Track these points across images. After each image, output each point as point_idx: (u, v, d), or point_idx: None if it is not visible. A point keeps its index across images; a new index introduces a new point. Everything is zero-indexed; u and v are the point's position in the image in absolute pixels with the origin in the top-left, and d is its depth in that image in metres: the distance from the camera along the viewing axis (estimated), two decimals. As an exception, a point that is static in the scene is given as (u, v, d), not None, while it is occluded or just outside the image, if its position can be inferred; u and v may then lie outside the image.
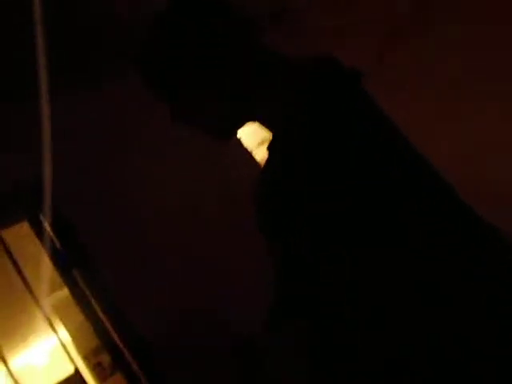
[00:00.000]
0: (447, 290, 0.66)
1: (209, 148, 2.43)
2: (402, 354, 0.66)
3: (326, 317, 0.72)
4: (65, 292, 2.28)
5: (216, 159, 2.38)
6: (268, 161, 0.84)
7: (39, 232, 2.08)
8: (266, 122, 0.89)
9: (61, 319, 4.21)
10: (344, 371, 0.70)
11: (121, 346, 1.97)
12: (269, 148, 0.85)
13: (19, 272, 2.09)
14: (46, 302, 4.05)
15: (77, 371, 2.23)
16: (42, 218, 2.03)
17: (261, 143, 2.83)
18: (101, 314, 2.01)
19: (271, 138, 0.85)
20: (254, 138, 2.82)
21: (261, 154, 2.54)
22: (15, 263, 2.07)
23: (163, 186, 2.31)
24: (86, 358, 4.50)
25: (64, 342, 4.18)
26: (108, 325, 1.98)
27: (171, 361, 2.02)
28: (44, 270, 3.63)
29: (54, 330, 2.08)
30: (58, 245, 2.04)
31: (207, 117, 0.89)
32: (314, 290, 0.74)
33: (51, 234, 2.03)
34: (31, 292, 2.10)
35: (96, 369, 4.49)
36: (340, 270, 0.70)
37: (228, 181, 2.31)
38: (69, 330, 4.27)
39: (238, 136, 2.66)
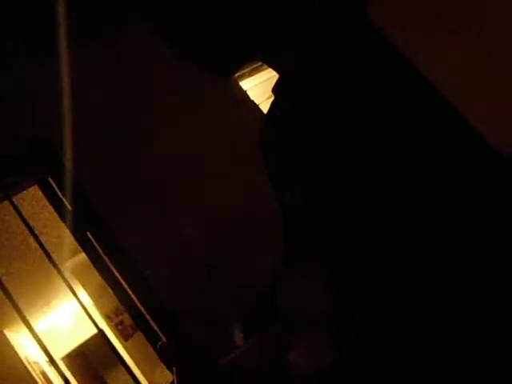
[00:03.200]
0: None
1: (218, 101, 2.38)
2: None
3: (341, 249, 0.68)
4: (83, 256, 2.29)
5: (225, 113, 2.32)
6: (273, 103, 0.80)
7: (51, 196, 2.07)
8: (272, 62, 0.84)
9: (81, 282, 4.30)
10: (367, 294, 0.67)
11: (139, 306, 1.99)
12: (274, 90, 0.80)
13: (36, 238, 2.10)
14: (66, 266, 4.13)
15: (100, 331, 2.27)
16: (51, 181, 2.02)
17: (269, 97, 2.76)
18: (118, 276, 2.02)
19: (277, 80, 0.80)
20: (262, 92, 2.74)
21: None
22: (31, 230, 2.07)
23: (172, 142, 2.27)
24: (107, 318, 4.63)
25: (85, 304, 4.30)
26: (126, 286, 2.00)
27: (191, 320, 2.04)
28: (60, 234, 3.67)
29: (73, 293, 2.10)
30: (69, 208, 2.03)
31: (211, 52, 0.85)
32: (325, 240, 0.71)
33: (62, 197, 2.02)
34: (49, 258, 2.11)
35: (118, 327, 4.63)
36: (350, 217, 0.66)
37: (236, 133, 2.26)
38: (89, 293, 4.36)
39: (246, 89, 2.59)
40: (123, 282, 2.01)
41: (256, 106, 2.45)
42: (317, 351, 0.70)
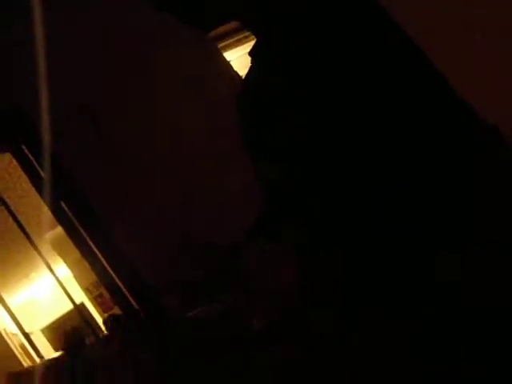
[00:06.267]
0: None
1: (200, 72, 2.32)
2: None
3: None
4: (61, 229, 2.25)
5: (207, 84, 2.27)
6: (250, 68, 0.77)
7: (26, 165, 2.01)
8: (249, 25, 0.81)
9: (60, 255, 4.25)
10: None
11: (116, 279, 1.96)
12: (251, 54, 0.77)
13: (8, 209, 2.04)
14: (45, 238, 4.07)
15: (76, 306, 2.24)
16: (26, 149, 1.95)
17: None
18: (94, 248, 1.98)
19: (254, 43, 0.77)
20: (245, 61, 2.68)
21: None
22: (2, 200, 2.01)
23: (150, 114, 2.21)
24: (87, 291, 4.61)
25: (66, 276, 4.26)
26: (102, 258, 1.96)
27: (168, 294, 2.01)
28: (39, 205, 3.60)
29: (48, 266, 2.06)
30: (43, 177, 1.98)
31: (192, 8, 0.81)
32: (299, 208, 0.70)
33: (37, 166, 1.96)
34: (23, 230, 2.06)
35: (98, 300, 4.61)
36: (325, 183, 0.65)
37: (216, 104, 2.20)
38: (69, 265, 4.32)
39: (230, 60, 2.52)
40: (99, 254, 1.97)
41: (239, 77, 2.40)
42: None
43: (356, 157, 0.62)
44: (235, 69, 2.44)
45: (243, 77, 2.51)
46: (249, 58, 2.58)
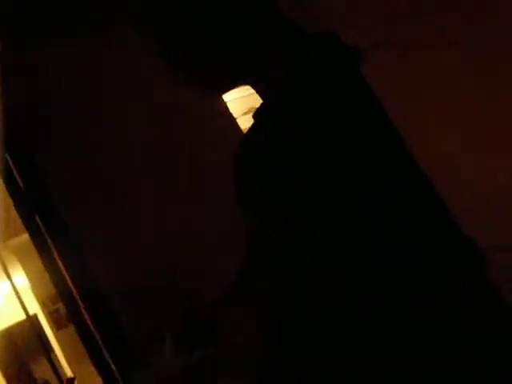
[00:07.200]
0: None
1: (196, 112, 2.37)
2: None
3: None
4: (27, 236, 2.22)
5: (202, 123, 2.31)
6: (252, 127, 0.81)
7: (5, 172, 2.00)
8: (259, 89, 0.86)
9: (21, 263, 4.15)
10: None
11: (76, 296, 1.93)
12: (255, 115, 0.81)
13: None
14: (5, 245, 3.98)
15: (29, 317, 2.18)
16: (7, 157, 1.95)
17: (246, 112, 2.77)
18: (59, 263, 1.95)
19: (259, 105, 0.81)
20: (240, 105, 2.75)
21: (245, 123, 2.49)
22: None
23: (137, 140, 2.24)
24: (43, 304, 4.48)
25: (22, 286, 4.14)
26: (65, 274, 1.94)
27: (128, 314, 1.99)
28: (5, 212, 3.54)
29: (7, 273, 2.02)
30: (22, 187, 1.97)
31: (200, 74, 0.85)
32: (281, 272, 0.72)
33: (16, 175, 1.95)
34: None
35: (53, 315, 4.48)
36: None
37: (212, 145, 2.25)
38: (28, 275, 4.22)
39: (227, 101, 2.59)
40: (63, 270, 1.95)
41: (234, 120, 2.46)
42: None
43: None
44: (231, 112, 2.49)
45: (237, 119, 2.56)
46: (244, 102, 2.62)
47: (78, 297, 1.95)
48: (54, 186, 2.00)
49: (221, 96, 0.95)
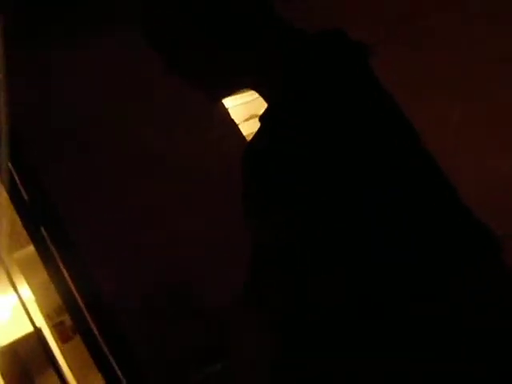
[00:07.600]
0: None
1: (197, 119, 2.37)
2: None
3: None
4: (31, 249, 2.21)
5: (202, 123, 2.31)
6: (259, 131, 0.80)
7: (10, 185, 2.00)
8: (261, 91, 0.86)
9: (25, 276, 4.14)
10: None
11: (82, 307, 1.92)
12: (261, 119, 0.81)
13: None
14: (10, 257, 3.97)
15: (36, 329, 2.17)
16: (11, 167, 1.95)
17: (248, 118, 2.77)
18: (65, 274, 1.95)
19: (266, 108, 0.81)
20: (242, 112, 2.75)
21: (247, 129, 2.49)
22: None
23: (142, 147, 2.24)
24: (48, 317, 4.46)
25: (26, 299, 4.13)
26: (71, 285, 1.93)
27: (134, 326, 1.98)
28: (10, 225, 3.54)
29: (13, 286, 2.01)
30: (27, 199, 1.97)
31: (201, 75, 0.85)
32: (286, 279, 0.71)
33: (21, 187, 1.95)
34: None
35: (57, 328, 4.46)
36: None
37: (215, 153, 2.24)
38: (32, 288, 4.20)
39: (228, 107, 2.59)
40: (69, 281, 1.94)
41: (236, 126, 2.46)
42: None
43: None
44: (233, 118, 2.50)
45: (239, 125, 2.56)
46: (246, 108, 2.62)
47: (84, 307, 1.94)
48: (52, 185, 1.99)
49: (221, 98, 0.94)
